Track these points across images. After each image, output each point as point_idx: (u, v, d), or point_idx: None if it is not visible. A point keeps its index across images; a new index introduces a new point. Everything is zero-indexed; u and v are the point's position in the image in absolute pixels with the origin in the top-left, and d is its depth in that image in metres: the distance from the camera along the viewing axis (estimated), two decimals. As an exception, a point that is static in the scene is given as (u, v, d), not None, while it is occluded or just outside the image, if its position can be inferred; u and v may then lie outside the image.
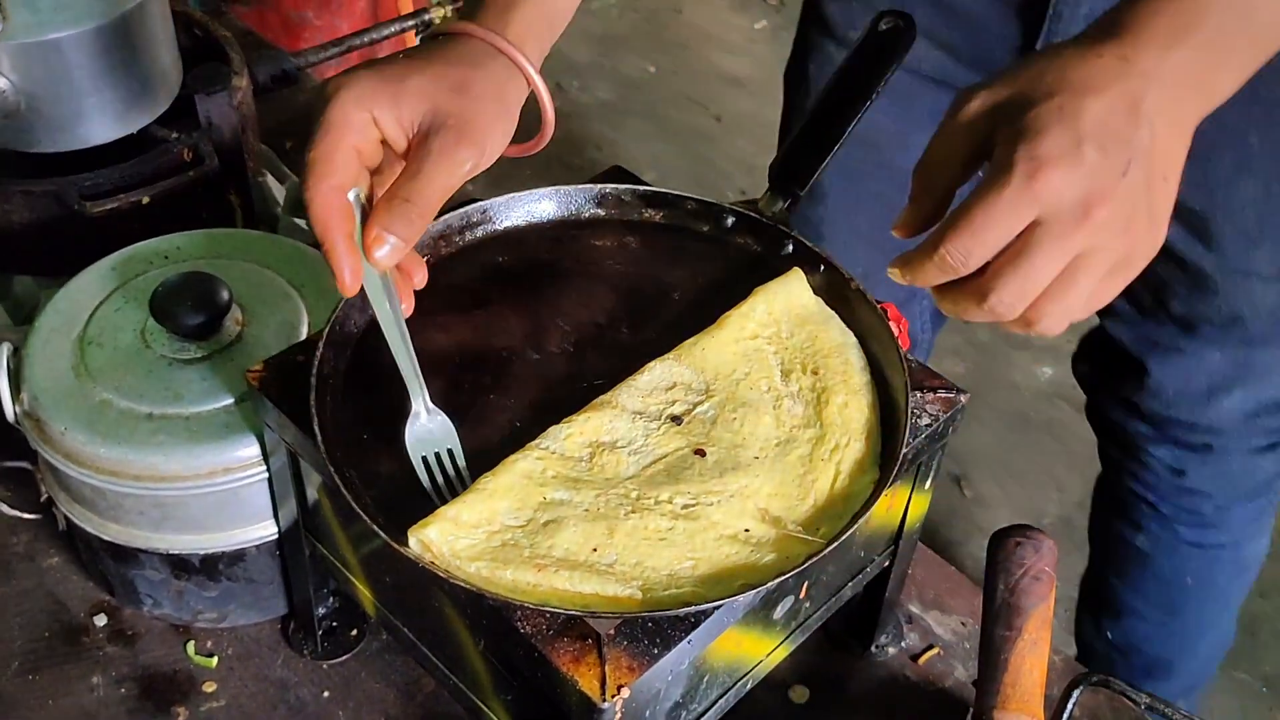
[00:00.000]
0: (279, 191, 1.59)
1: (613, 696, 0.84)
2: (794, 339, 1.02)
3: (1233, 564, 1.61)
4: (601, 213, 1.13)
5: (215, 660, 1.20)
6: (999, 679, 1.05)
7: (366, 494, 0.91)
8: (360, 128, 0.90)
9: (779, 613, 1.01)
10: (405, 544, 0.86)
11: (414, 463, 0.91)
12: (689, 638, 0.87)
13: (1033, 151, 0.76)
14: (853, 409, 0.97)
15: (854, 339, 1.03)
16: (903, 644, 1.24)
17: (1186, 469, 1.52)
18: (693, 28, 3.42)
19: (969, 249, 0.78)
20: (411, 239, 0.88)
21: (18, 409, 1.12)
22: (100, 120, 1.37)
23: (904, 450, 0.95)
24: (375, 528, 0.87)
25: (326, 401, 0.95)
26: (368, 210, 0.89)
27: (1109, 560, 1.69)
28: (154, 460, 1.07)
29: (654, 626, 0.87)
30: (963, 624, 1.27)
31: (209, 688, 1.18)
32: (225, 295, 1.13)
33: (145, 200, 1.35)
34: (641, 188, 1.12)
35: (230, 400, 1.10)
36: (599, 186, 1.12)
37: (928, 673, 1.22)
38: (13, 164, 1.39)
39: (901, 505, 1.09)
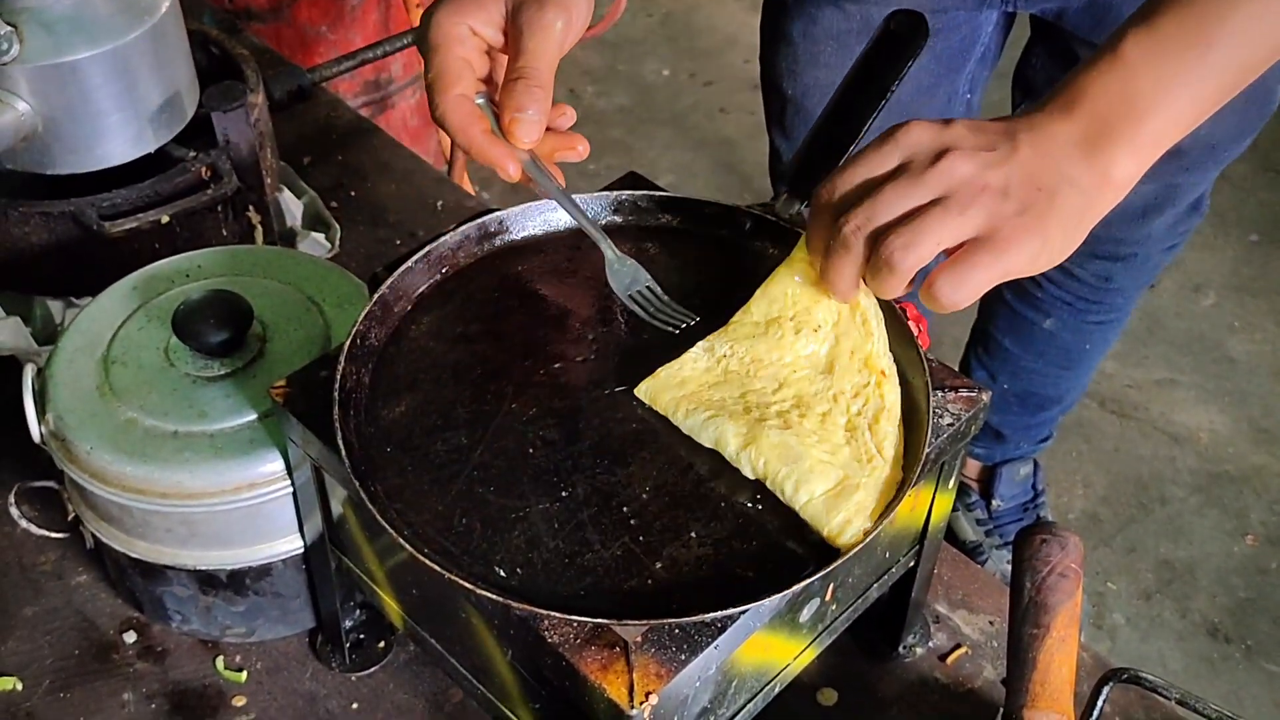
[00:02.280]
0: (297, 207, 1.59)
1: (641, 703, 0.84)
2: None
3: (1121, 324, 1.81)
4: (619, 220, 1.13)
5: (244, 674, 1.20)
6: (1028, 677, 1.05)
7: (391, 507, 0.91)
8: (462, 39, 0.97)
9: (805, 616, 1.01)
10: (429, 556, 0.86)
11: (625, 303, 1.03)
12: (716, 643, 0.87)
13: (907, 126, 0.89)
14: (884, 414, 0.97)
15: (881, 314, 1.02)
16: (930, 644, 1.24)
17: (1112, 275, 1.68)
18: (710, 30, 3.42)
19: (835, 185, 0.90)
20: (542, 110, 0.96)
21: (44, 429, 1.13)
22: (118, 141, 1.37)
23: (926, 450, 0.95)
24: (401, 540, 0.87)
25: (350, 416, 0.96)
26: (495, 110, 0.98)
27: (1009, 330, 1.84)
28: (180, 478, 1.08)
29: (681, 633, 0.87)
30: (990, 623, 1.26)
31: (239, 702, 1.18)
32: (247, 312, 1.14)
33: (165, 220, 1.36)
34: (658, 193, 1.13)
35: (254, 416, 1.11)
36: (615, 194, 1.12)
37: (956, 673, 1.22)
38: (31, 186, 1.40)
39: (925, 505, 1.08)
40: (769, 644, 0.98)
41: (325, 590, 1.16)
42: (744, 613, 0.87)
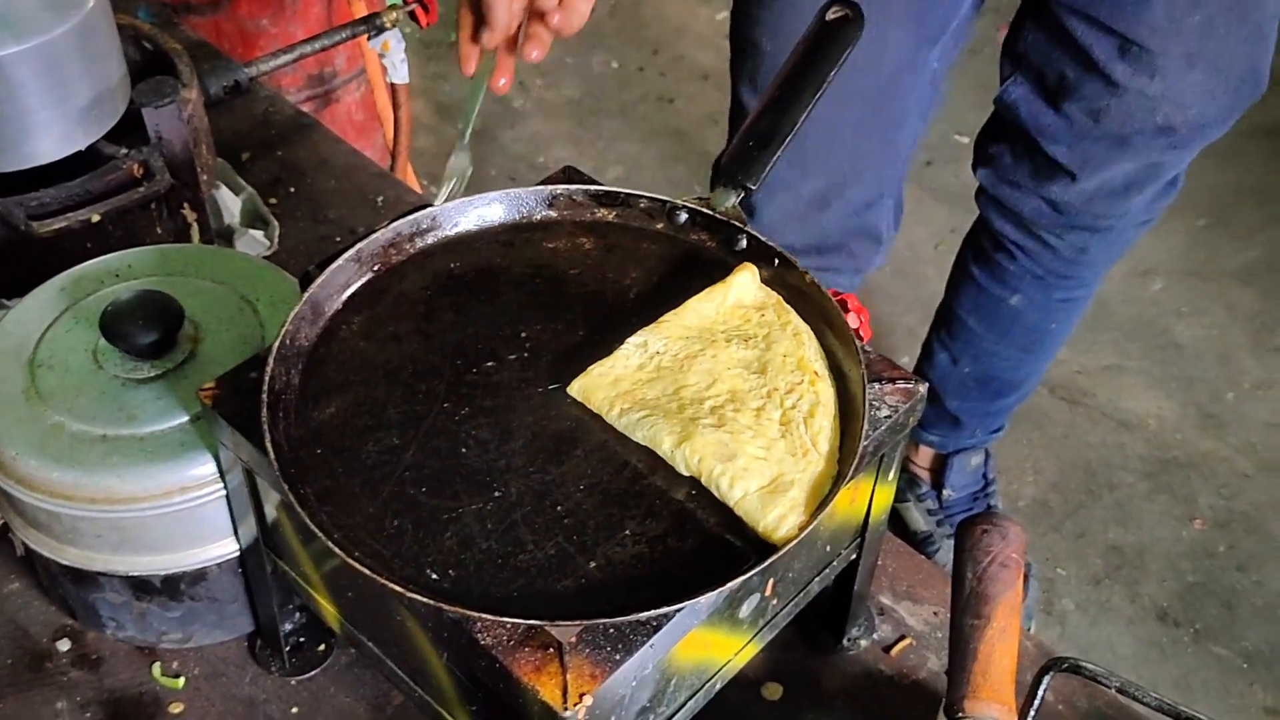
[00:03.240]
0: (235, 204, 1.57)
1: (575, 705, 0.83)
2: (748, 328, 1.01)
3: (1086, 302, 1.80)
4: (554, 214, 1.12)
5: (182, 681, 1.18)
6: (969, 669, 1.05)
7: (322, 510, 0.90)
8: None
9: (745, 611, 1.00)
10: (359, 560, 0.85)
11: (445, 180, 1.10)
12: (651, 641, 0.86)
13: None
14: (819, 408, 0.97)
15: (810, 331, 1.02)
16: (875, 636, 1.24)
17: (1088, 247, 1.68)
18: (659, 20, 3.40)
19: None
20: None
21: (-29, 438, 1.10)
22: (46, 138, 1.34)
23: (864, 443, 0.94)
24: (330, 544, 0.85)
25: (279, 418, 0.94)
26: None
27: (974, 309, 1.84)
28: (109, 483, 1.05)
29: (616, 632, 0.86)
30: (935, 614, 1.26)
31: (176, 709, 1.16)
32: (177, 312, 1.12)
33: (95, 219, 1.33)
34: (593, 188, 1.11)
35: (185, 419, 1.09)
36: (550, 188, 1.11)
37: (901, 665, 1.22)
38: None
39: (865, 498, 1.08)
40: (709, 640, 0.98)
41: (262, 594, 1.14)
42: (680, 610, 0.87)
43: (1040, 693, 1.06)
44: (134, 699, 1.17)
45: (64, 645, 1.20)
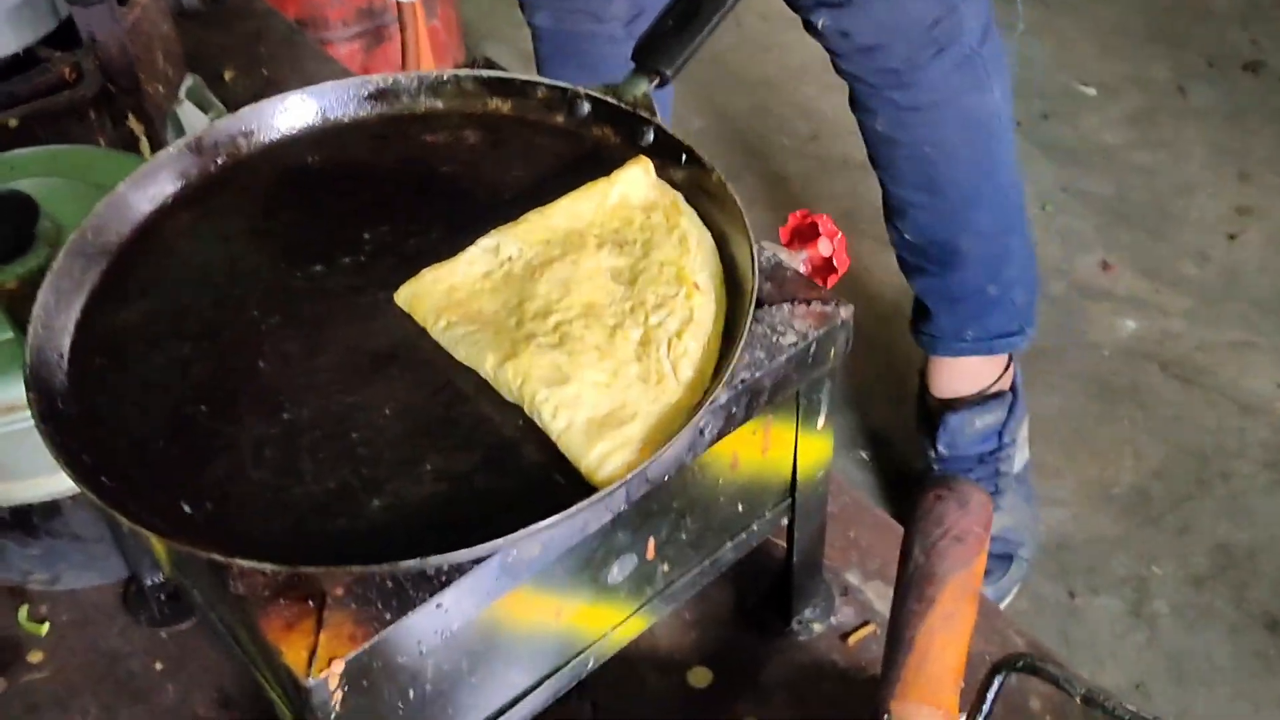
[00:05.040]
0: (202, 122, 1.45)
1: (321, 672, 0.67)
2: (629, 230, 0.83)
3: (957, 119, 1.70)
4: (439, 104, 0.95)
5: (46, 627, 1.07)
6: (901, 662, 0.85)
7: (76, 429, 0.76)
8: None
9: (616, 576, 0.83)
10: (92, 486, 0.71)
11: None
12: (437, 600, 0.70)
13: None
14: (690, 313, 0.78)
15: (707, 235, 0.83)
16: (832, 620, 1.04)
17: (848, 28, 1.60)
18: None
19: None
20: None
21: None
22: (-27, 39, 1.25)
23: (744, 374, 0.76)
24: (64, 466, 0.71)
25: (56, 319, 0.81)
26: None
27: (877, 163, 1.79)
28: (-78, 395, 0.94)
29: (394, 586, 0.70)
30: (910, 599, 1.05)
31: (34, 658, 1.05)
32: (29, 212, 1.00)
33: (13, 123, 1.23)
34: (485, 73, 0.95)
35: (21, 329, 0.96)
36: (435, 73, 0.95)
37: (859, 656, 1.02)
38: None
39: (786, 449, 0.89)
40: (560, 607, 0.81)
41: (119, 533, 1.02)
42: (479, 562, 0.70)
43: (990, 697, 0.86)
44: (-7, 643, 1.06)
45: (-67, 581, 1.10)
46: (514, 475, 0.73)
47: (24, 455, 0.98)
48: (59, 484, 1.00)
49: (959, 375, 1.93)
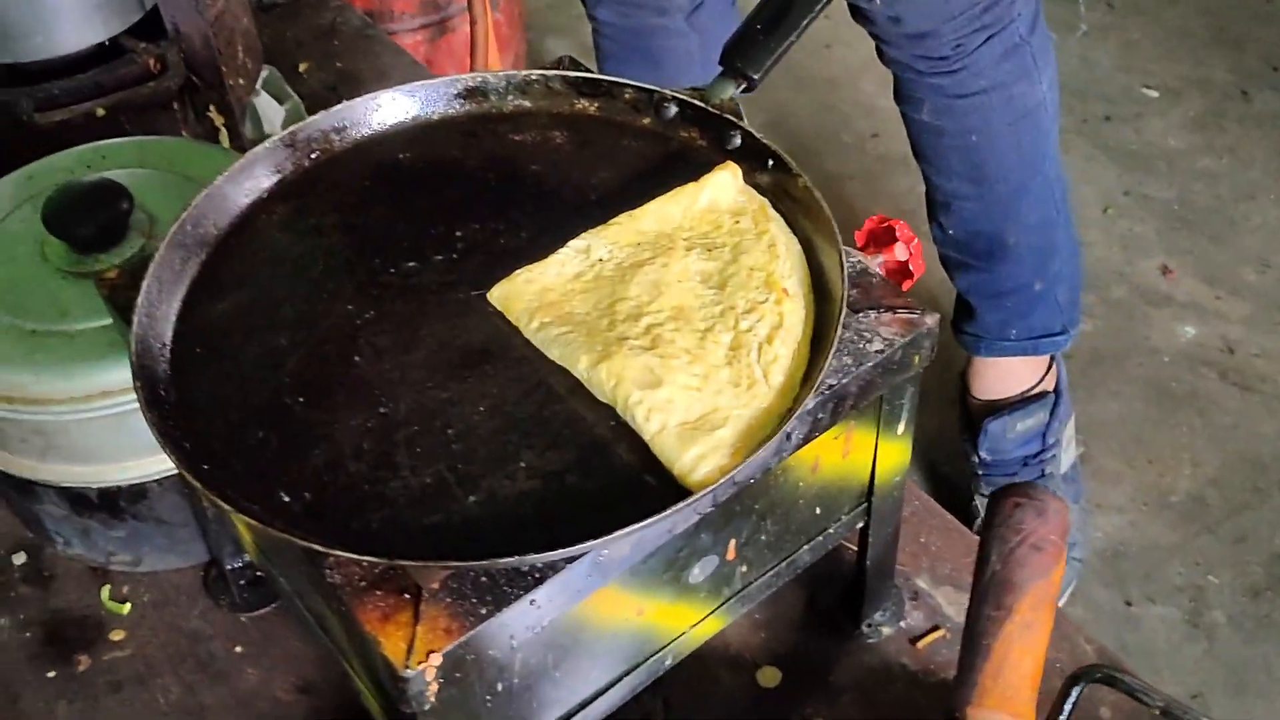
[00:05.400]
0: (277, 114, 1.47)
1: (420, 663, 0.68)
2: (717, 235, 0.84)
3: (1005, 108, 1.68)
4: (527, 104, 0.97)
5: (128, 607, 1.09)
6: (978, 669, 0.86)
7: (178, 415, 0.78)
8: None
9: (698, 576, 0.84)
10: (195, 471, 0.73)
11: None
12: (531, 596, 0.71)
13: None
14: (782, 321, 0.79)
15: (795, 240, 0.84)
16: (902, 624, 1.05)
17: (899, 13, 1.59)
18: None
19: None
20: None
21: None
22: (61, 28, 1.27)
23: (830, 379, 0.77)
24: (168, 450, 0.73)
25: (159, 308, 0.83)
26: None
27: (922, 155, 1.78)
28: (24, 380, 0.97)
29: (489, 582, 0.71)
30: (979, 604, 1.06)
31: (117, 636, 1.08)
32: (125, 203, 1.02)
33: (100, 112, 1.26)
34: (572, 73, 0.96)
35: (116, 317, 0.99)
36: (524, 73, 0.96)
37: (928, 660, 1.03)
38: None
39: (866, 453, 0.90)
40: (643, 605, 0.82)
41: (204, 518, 1.04)
42: (572, 561, 0.71)
43: (1067, 708, 0.86)
44: (77, 621, 1.09)
45: (19, 559, 1.13)
46: (605, 475, 0.74)
47: (115, 439, 1.00)
48: (148, 467, 1.03)
49: (1001, 377, 1.92)
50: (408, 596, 0.71)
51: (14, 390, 0.97)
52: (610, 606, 0.79)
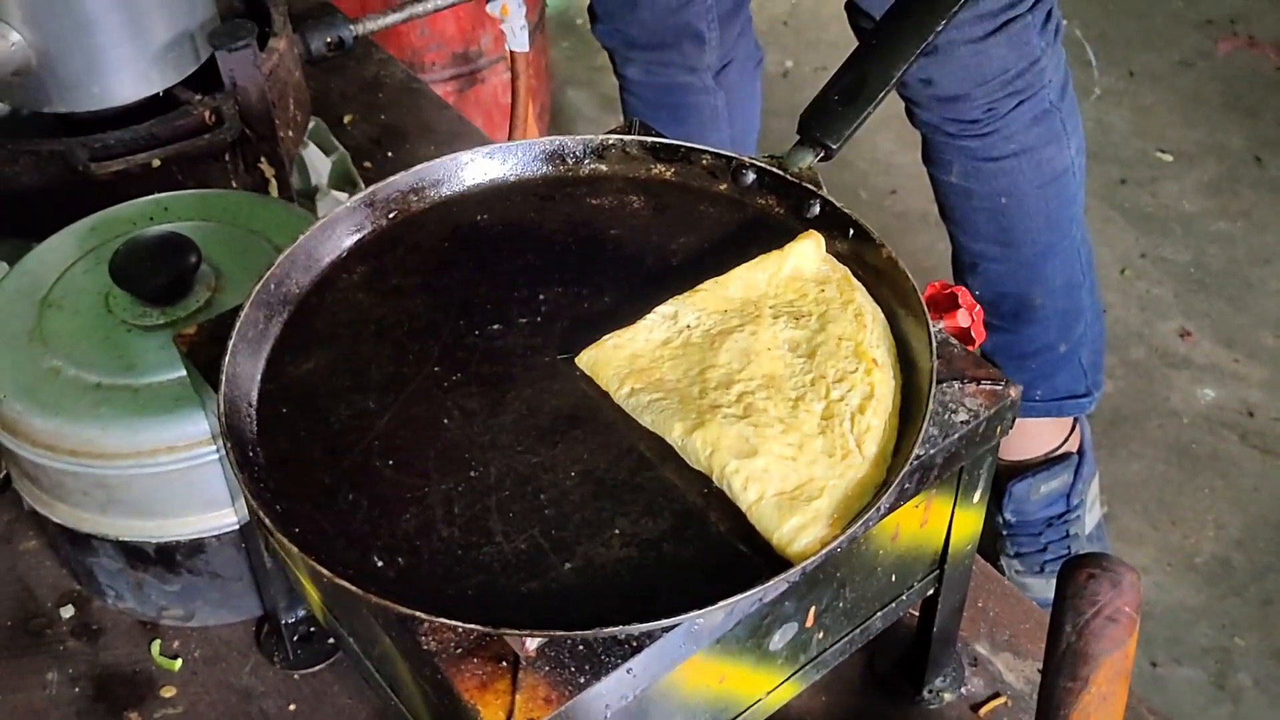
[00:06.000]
0: (324, 165, 1.48)
1: (520, 732, 0.68)
2: (803, 304, 0.84)
3: (1034, 172, 1.70)
4: (604, 168, 0.97)
5: (179, 663, 1.08)
6: (1055, 741, 0.85)
7: (269, 474, 0.77)
8: None
9: (778, 643, 0.84)
10: (288, 534, 0.72)
11: None
12: (629, 665, 0.71)
13: None
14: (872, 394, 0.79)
15: (879, 310, 0.85)
16: (963, 690, 1.05)
17: (931, 76, 1.60)
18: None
19: None
20: None
21: (-29, 379, 1.03)
22: (119, 78, 1.28)
23: (920, 449, 0.77)
24: (259, 511, 0.73)
25: (243, 368, 0.82)
26: None
27: (950, 217, 1.80)
28: (91, 434, 0.96)
29: (585, 650, 0.71)
30: (1040, 671, 1.06)
31: (167, 693, 1.06)
32: (193, 257, 1.02)
33: (156, 163, 1.26)
34: (649, 139, 0.97)
35: (184, 371, 0.98)
36: (601, 137, 0.97)
37: (991, 728, 1.02)
38: (31, 125, 1.32)
39: (943, 521, 0.90)
40: (726, 672, 0.81)
41: (262, 574, 1.03)
42: (667, 630, 0.71)
43: (1143, 780, 0.86)
44: (127, 677, 1.08)
45: (67, 612, 1.12)
46: (700, 543, 0.74)
47: (178, 494, 1.00)
48: (208, 523, 1.02)
49: (1025, 438, 1.93)
50: (505, 664, 0.71)
51: (80, 444, 0.96)
52: (696, 674, 0.79)
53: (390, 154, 1.56)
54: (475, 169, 0.96)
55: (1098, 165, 2.63)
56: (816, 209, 0.91)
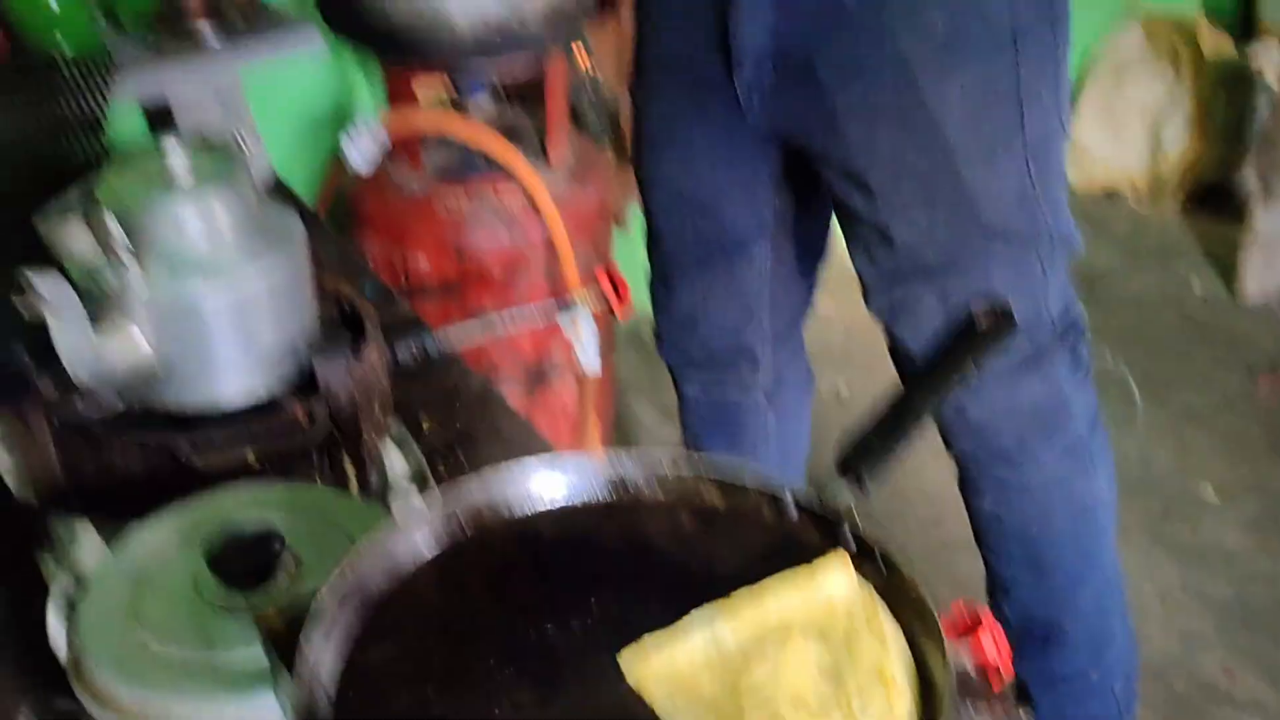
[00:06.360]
0: (402, 467, 1.60)
1: None
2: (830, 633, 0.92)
3: (1065, 503, 1.76)
4: (660, 494, 1.07)
5: None
6: None
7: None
8: None
9: None
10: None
11: None
12: None
13: None
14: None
15: (900, 631, 0.92)
16: None
17: (964, 406, 1.68)
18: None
19: None
20: None
21: (66, 650, 1.12)
22: (230, 383, 1.41)
23: (936, 768, 0.83)
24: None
25: (315, 654, 0.91)
26: None
27: (983, 542, 1.87)
28: (169, 705, 1.04)
29: None
30: None
31: None
32: (278, 546, 1.12)
33: (252, 459, 1.38)
34: (706, 474, 1.07)
35: (258, 649, 1.07)
36: (661, 465, 1.07)
37: None
38: (136, 416, 1.45)
39: (961, 842, 0.94)
40: None
41: None
42: None
43: None
44: None
45: None
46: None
47: (244, 771, 1.06)
48: (269, 801, 1.08)
49: None
50: None
51: (160, 715, 1.04)
52: None
53: (462, 456, 1.68)
54: (541, 481, 1.06)
55: (1140, 499, 2.71)
56: (853, 546, 1.00)
